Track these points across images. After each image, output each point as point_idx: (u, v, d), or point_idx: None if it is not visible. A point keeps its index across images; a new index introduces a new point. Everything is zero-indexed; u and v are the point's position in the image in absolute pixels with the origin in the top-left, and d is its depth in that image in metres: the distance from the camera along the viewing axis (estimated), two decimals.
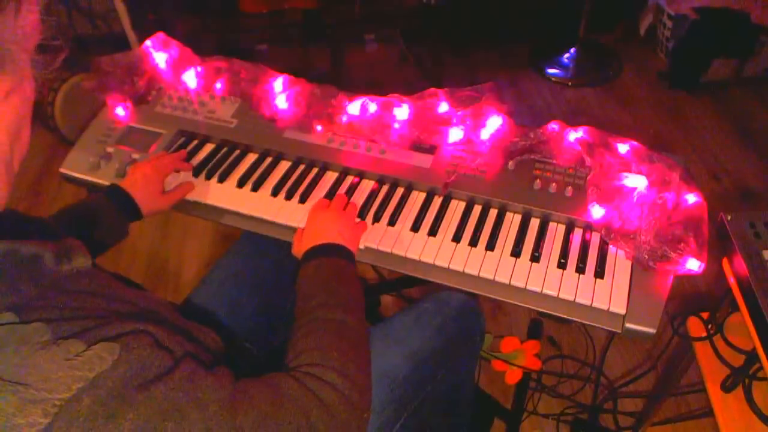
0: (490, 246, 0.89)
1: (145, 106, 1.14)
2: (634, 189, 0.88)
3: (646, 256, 0.80)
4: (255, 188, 1.01)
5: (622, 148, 0.94)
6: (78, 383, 0.44)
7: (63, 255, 0.51)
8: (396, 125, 1.03)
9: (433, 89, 1.05)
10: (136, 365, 0.47)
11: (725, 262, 0.82)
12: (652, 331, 0.77)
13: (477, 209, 0.95)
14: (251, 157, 1.07)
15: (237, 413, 0.52)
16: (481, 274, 0.86)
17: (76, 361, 0.44)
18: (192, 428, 0.49)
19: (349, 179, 1.02)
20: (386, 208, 0.96)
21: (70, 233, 0.83)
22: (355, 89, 1.10)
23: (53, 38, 0.51)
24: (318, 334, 0.68)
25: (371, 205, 0.97)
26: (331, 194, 0.99)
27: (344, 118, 1.06)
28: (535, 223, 0.93)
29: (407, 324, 0.90)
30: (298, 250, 0.85)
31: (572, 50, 2.66)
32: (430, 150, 1.01)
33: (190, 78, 1.16)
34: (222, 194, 1.00)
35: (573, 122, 0.99)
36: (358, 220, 0.93)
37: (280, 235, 0.95)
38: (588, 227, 0.91)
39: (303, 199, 0.98)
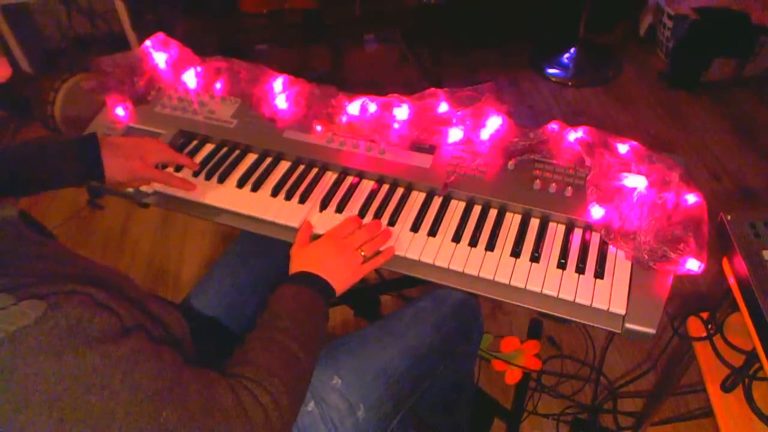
0: (490, 246, 0.89)
1: (145, 106, 1.14)
2: (634, 189, 0.88)
3: (646, 256, 0.80)
4: (255, 188, 1.01)
5: (622, 148, 0.94)
6: None
7: None
8: (396, 125, 1.03)
9: (433, 89, 1.05)
10: (65, 324, 0.47)
11: (725, 262, 0.82)
12: (651, 331, 0.77)
13: (477, 209, 0.95)
14: (251, 157, 1.07)
15: (165, 406, 0.52)
16: (481, 275, 0.86)
17: None
18: (116, 409, 0.48)
19: (349, 179, 1.02)
20: (386, 208, 0.96)
21: (23, 167, 0.83)
22: (354, 89, 1.10)
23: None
24: (270, 355, 0.68)
25: (371, 205, 0.97)
26: (331, 194, 0.99)
27: (344, 118, 1.06)
28: (534, 223, 0.93)
29: (405, 321, 0.91)
30: (295, 257, 0.85)
31: (572, 50, 2.66)
32: (430, 150, 1.01)
33: (190, 78, 1.16)
34: (222, 194, 1.00)
35: (573, 122, 0.99)
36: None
37: (280, 236, 0.95)
38: (588, 227, 0.91)
39: (303, 200, 0.98)
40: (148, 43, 1.17)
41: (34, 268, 0.51)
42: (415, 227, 0.93)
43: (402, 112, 1.03)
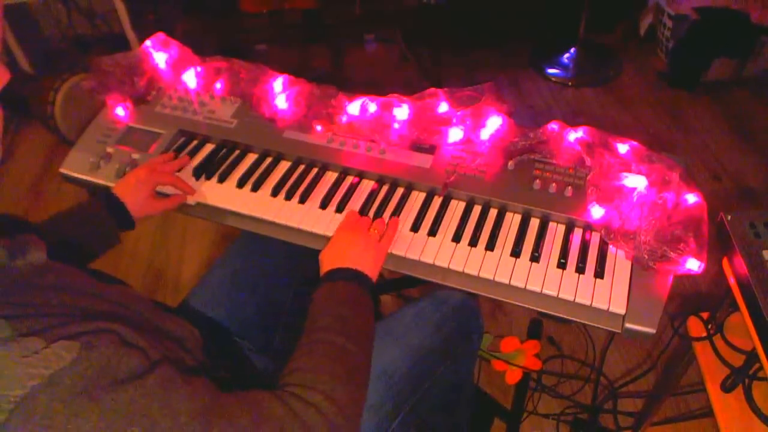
0: (490, 246, 0.89)
1: (145, 106, 1.14)
2: (634, 189, 0.88)
3: (646, 256, 0.80)
4: (255, 188, 1.01)
5: (622, 148, 0.94)
6: (33, 381, 0.44)
7: (16, 250, 0.52)
8: (396, 125, 1.03)
9: (433, 89, 1.05)
10: (98, 364, 0.47)
11: (725, 262, 0.82)
12: (651, 331, 0.77)
13: (477, 209, 0.95)
14: (251, 158, 1.07)
15: (213, 426, 0.52)
16: (481, 274, 0.86)
17: (32, 359, 0.44)
18: None
19: (349, 179, 1.02)
20: (386, 208, 0.96)
21: (61, 239, 0.84)
22: (354, 89, 1.10)
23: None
24: (314, 355, 0.67)
25: (371, 205, 0.97)
26: (331, 194, 0.99)
27: (344, 118, 1.06)
28: (534, 223, 0.93)
29: (405, 321, 0.91)
30: (322, 259, 0.85)
31: (572, 50, 2.66)
32: (430, 150, 1.01)
33: (190, 78, 1.16)
34: (222, 194, 1.00)
35: (573, 122, 0.99)
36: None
37: (280, 235, 0.95)
38: (588, 227, 0.91)
39: (303, 200, 0.98)
40: (148, 43, 1.17)
41: (60, 305, 0.51)
42: (415, 227, 0.93)
43: (402, 112, 1.03)
